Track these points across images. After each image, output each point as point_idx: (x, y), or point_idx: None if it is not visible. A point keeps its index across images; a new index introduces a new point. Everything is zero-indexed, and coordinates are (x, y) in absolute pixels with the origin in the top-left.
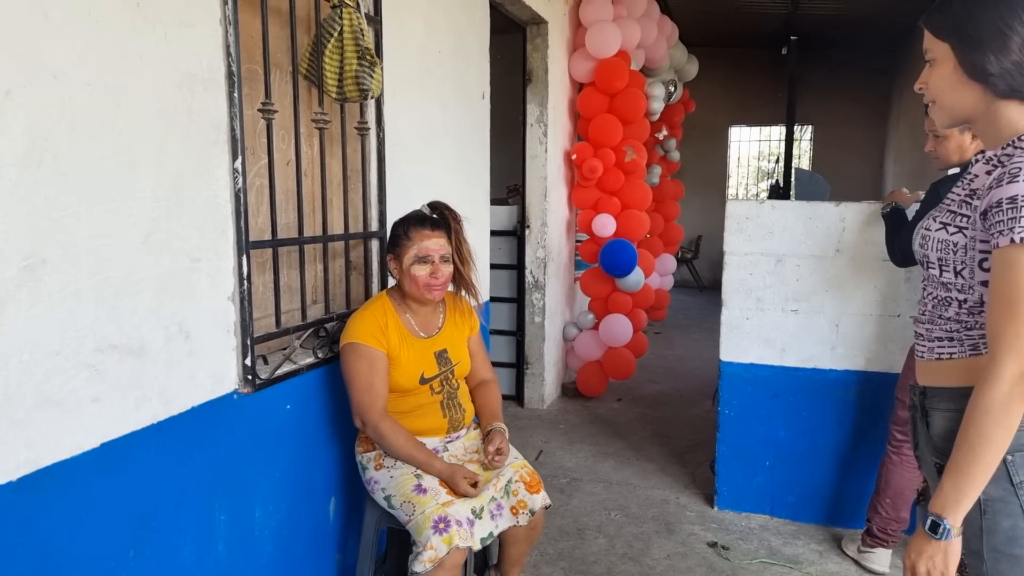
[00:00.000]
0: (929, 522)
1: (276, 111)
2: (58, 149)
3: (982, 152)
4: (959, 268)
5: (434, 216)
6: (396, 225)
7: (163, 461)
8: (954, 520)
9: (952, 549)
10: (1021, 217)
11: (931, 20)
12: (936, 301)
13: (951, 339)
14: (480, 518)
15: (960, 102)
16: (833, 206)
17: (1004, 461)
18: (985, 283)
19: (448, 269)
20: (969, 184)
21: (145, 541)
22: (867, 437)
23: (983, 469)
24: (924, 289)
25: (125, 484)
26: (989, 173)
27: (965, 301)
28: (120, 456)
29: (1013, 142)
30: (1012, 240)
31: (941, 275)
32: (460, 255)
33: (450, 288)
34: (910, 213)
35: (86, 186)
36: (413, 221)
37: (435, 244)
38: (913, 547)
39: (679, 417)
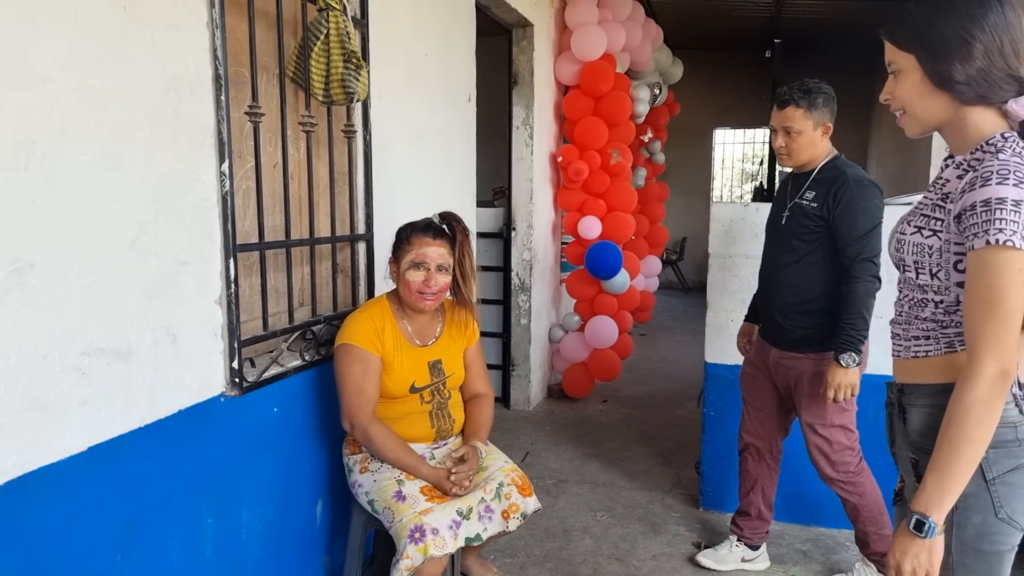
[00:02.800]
0: (914, 521)
1: (263, 114)
2: (45, 152)
3: (951, 156)
4: (935, 270)
5: (440, 225)
6: (400, 229)
7: (150, 464)
8: (938, 517)
9: (936, 547)
10: (996, 219)
11: (893, 32)
12: (912, 302)
13: (927, 338)
14: (468, 519)
15: (929, 111)
16: None
17: None
18: (961, 284)
19: (444, 280)
20: (941, 188)
21: (132, 544)
22: None
23: (965, 467)
24: (900, 291)
25: (112, 487)
26: (960, 177)
27: (941, 302)
28: (107, 459)
29: (981, 146)
30: (988, 242)
31: (917, 277)
32: (462, 268)
33: (450, 297)
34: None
35: (73, 189)
36: (418, 227)
37: (434, 252)
38: (897, 546)
39: (664, 418)
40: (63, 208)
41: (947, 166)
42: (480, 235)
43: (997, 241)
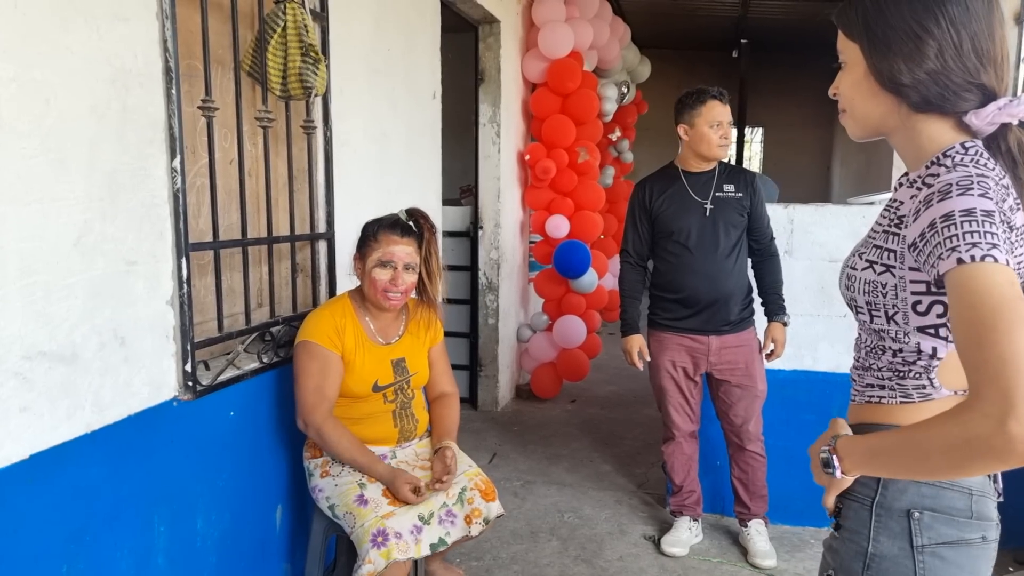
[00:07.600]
0: (824, 456)
1: (217, 108)
2: None
3: (906, 174)
4: (891, 312)
5: (408, 223)
6: (367, 225)
7: (97, 472)
8: (847, 466)
9: (838, 484)
10: (965, 233)
11: (842, 17)
12: (868, 349)
13: (882, 387)
14: (428, 524)
15: (870, 114)
16: (782, 208)
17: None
18: (922, 329)
19: (411, 279)
20: (896, 211)
21: (79, 555)
22: (814, 436)
23: (893, 467)
24: (858, 336)
25: (57, 497)
26: (914, 197)
27: (900, 351)
28: (51, 468)
29: (937, 159)
30: (961, 260)
31: (872, 321)
32: (428, 267)
33: (414, 296)
34: None
35: (13, 186)
36: (385, 224)
37: (401, 251)
38: (814, 452)
39: (632, 418)
40: (1, 205)
41: (901, 186)
42: (447, 234)
43: (972, 258)
